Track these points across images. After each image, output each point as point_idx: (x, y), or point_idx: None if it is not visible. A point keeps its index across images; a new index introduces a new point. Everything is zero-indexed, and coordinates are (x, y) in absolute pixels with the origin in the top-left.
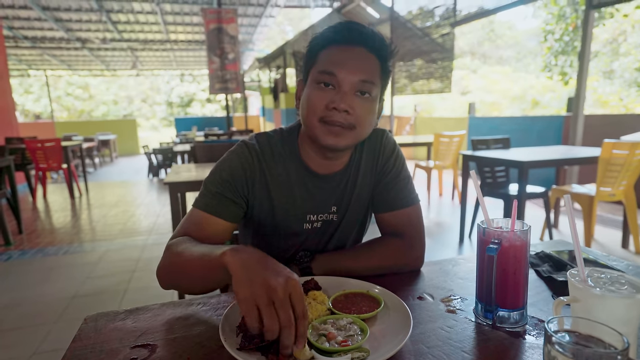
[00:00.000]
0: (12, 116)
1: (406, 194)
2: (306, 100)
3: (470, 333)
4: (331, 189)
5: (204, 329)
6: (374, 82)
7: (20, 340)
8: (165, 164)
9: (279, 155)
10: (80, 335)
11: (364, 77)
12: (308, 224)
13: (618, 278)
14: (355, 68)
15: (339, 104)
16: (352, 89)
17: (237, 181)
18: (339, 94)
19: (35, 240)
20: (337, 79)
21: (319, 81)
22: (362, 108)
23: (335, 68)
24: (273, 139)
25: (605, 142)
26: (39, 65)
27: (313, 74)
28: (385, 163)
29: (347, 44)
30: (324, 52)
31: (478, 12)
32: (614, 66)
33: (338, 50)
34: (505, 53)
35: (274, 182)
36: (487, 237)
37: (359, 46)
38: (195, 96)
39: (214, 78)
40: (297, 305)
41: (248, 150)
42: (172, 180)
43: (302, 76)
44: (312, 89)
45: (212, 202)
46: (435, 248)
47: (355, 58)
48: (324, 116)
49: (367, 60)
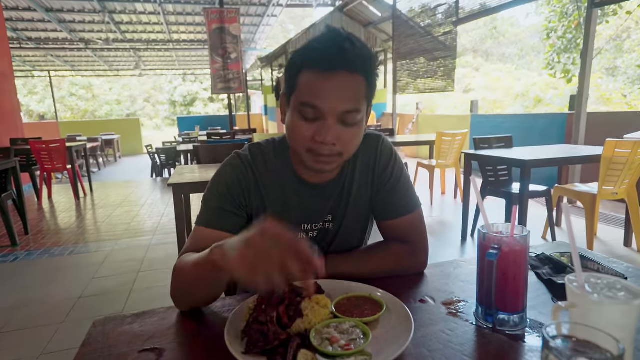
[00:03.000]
0: (17, 117)
1: (407, 200)
2: (291, 129)
3: (471, 336)
4: (325, 198)
5: (210, 332)
6: (359, 108)
7: (27, 341)
8: (168, 163)
9: (271, 165)
10: (89, 340)
11: (348, 107)
12: (303, 233)
13: (615, 284)
14: (338, 99)
15: (324, 138)
16: (336, 120)
17: (234, 193)
18: (323, 127)
19: (41, 241)
20: (320, 112)
21: (302, 113)
22: (348, 136)
23: (317, 101)
24: (265, 149)
25: (608, 141)
26: (43, 66)
27: (295, 101)
28: (383, 171)
29: (328, 70)
30: (304, 75)
31: (480, 9)
32: (618, 63)
33: (318, 77)
34: (507, 50)
35: (268, 192)
36: (487, 243)
37: (341, 70)
38: (198, 95)
39: (217, 78)
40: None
41: (241, 161)
42: (175, 181)
43: (286, 91)
44: (296, 118)
45: (214, 218)
46: (437, 247)
47: (337, 87)
48: (311, 148)
49: (351, 85)
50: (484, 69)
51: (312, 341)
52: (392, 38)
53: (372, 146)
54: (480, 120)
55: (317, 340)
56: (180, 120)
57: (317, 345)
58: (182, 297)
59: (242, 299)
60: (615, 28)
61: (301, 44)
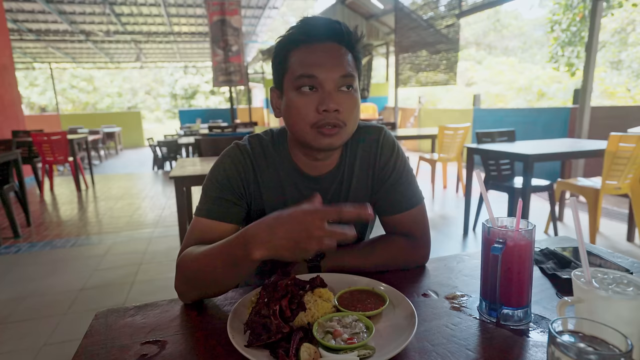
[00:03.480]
0: (18, 109)
1: (410, 195)
2: (292, 108)
3: (475, 331)
4: (323, 191)
5: (212, 325)
6: (353, 74)
7: (30, 332)
8: (170, 156)
9: (270, 157)
10: (91, 332)
11: (344, 71)
12: None
13: (621, 278)
14: (333, 65)
15: (328, 105)
16: (335, 86)
17: (233, 183)
18: (324, 95)
19: (43, 233)
20: (318, 80)
21: (300, 86)
22: (349, 103)
23: (313, 70)
24: (264, 140)
25: (612, 135)
26: (44, 58)
27: (289, 81)
28: (384, 166)
29: (316, 42)
30: (293, 55)
31: (484, 2)
32: (622, 56)
33: (309, 50)
34: (510, 43)
35: (266, 184)
36: (492, 237)
37: (328, 41)
38: (199, 88)
39: (218, 70)
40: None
41: (240, 152)
42: (177, 174)
43: (275, 85)
44: (294, 95)
45: (214, 208)
46: (439, 241)
47: (329, 55)
48: (317, 121)
49: (341, 53)
50: (486, 62)
51: (314, 334)
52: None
53: (373, 138)
54: (482, 114)
55: (319, 333)
56: (181, 113)
57: (319, 338)
58: (193, 290)
59: (244, 292)
60: (620, 21)
61: None
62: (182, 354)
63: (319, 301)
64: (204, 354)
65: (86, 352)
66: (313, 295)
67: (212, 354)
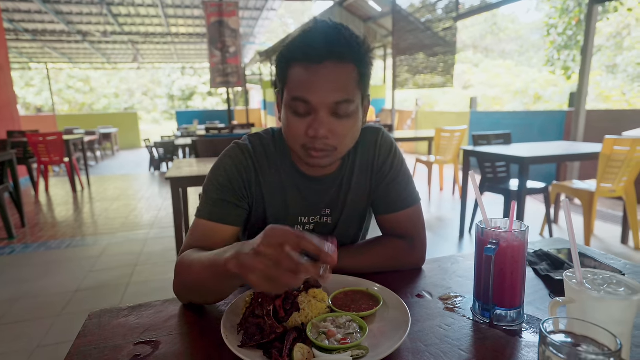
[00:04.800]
0: (13, 109)
1: (406, 195)
2: (285, 126)
3: (468, 331)
4: (323, 191)
5: (206, 326)
6: (351, 98)
7: (24, 334)
8: (166, 157)
9: (271, 156)
10: (84, 332)
11: (338, 97)
12: (300, 226)
13: (611, 279)
14: (327, 90)
15: (317, 132)
16: (329, 112)
17: (235, 184)
18: (315, 121)
19: (37, 234)
20: (312, 105)
21: (294, 108)
22: (342, 129)
23: (306, 94)
24: (265, 139)
25: (607, 138)
26: (40, 58)
27: (287, 96)
28: (382, 165)
29: (315, 62)
30: (292, 70)
31: (481, 5)
32: (618, 60)
33: (306, 70)
34: (507, 47)
35: (267, 183)
36: (485, 238)
37: (328, 60)
38: (197, 89)
39: (215, 72)
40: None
41: (241, 152)
42: (173, 175)
43: (278, 89)
44: (289, 114)
45: (215, 210)
46: (435, 243)
47: (325, 78)
48: (305, 143)
49: (340, 75)
50: (483, 65)
51: (308, 335)
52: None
53: (371, 140)
54: (479, 117)
55: (313, 334)
56: (178, 114)
57: (313, 339)
58: (190, 296)
59: (239, 293)
60: (616, 25)
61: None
62: (176, 355)
63: (313, 302)
64: (197, 354)
65: (79, 353)
66: (307, 296)
67: (206, 355)
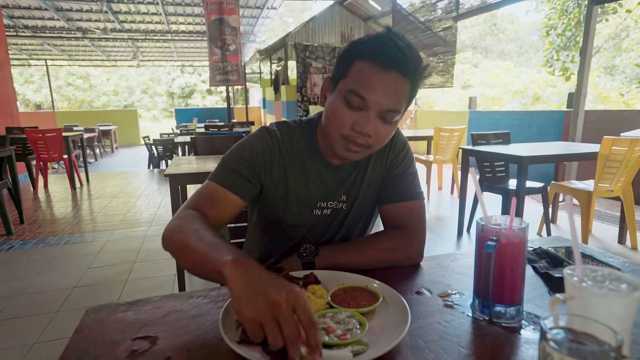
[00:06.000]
0: (13, 106)
1: (411, 188)
2: (332, 113)
3: (467, 328)
4: (343, 179)
5: (205, 321)
6: (400, 110)
7: (22, 330)
8: (165, 155)
9: (297, 144)
10: (82, 327)
11: (392, 106)
12: (318, 210)
13: (610, 275)
14: (385, 95)
15: (363, 128)
16: (377, 114)
17: (255, 162)
18: (365, 117)
19: (36, 231)
20: (366, 103)
21: (347, 100)
22: (383, 132)
23: (365, 92)
24: (292, 128)
25: (605, 138)
26: (40, 55)
27: (343, 87)
28: (395, 157)
29: (383, 66)
30: (357, 65)
31: (480, 5)
32: (616, 62)
33: (372, 71)
34: (507, 47)
35: (291, 169)
36: (486, 234)
37: (394, 70)
38: (196, 87)
39: (215, 69)
40: (302, 315)
41: (270, 136)
42: (172, 172)
43: (332, 77)
44: (339, 103)
45: (229, 177)
46: (434, 241)
47: (387, 84)
48: (348, 135)
49: (398, 86)
50: (482, 65)
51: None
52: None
53: None
54: (478, 117)
55: None
56: (178, 112)
57: None
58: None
59: None
60: (615, 26)
61: (300, 37)
62: (174, 350)
63: (312, 297)
64: (195, 350)
65: (76, 348)
66: (306, 292)
67: (204, 350)
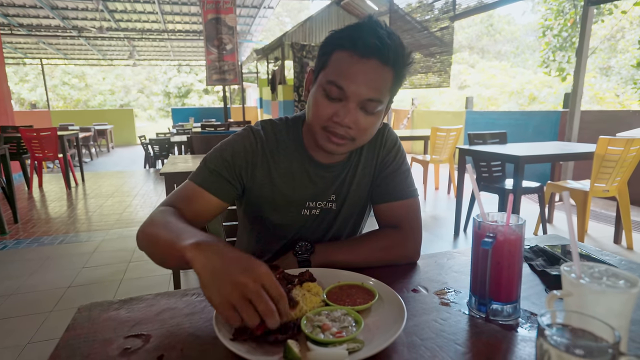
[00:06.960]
0: (7, 104)
1: (405, 186)
2: (312, 105)
3: (464, 326)
4: (332, 178)
5: (198, 319)
6: (381, 99)
7: (15, 330)
8: (162, 154)
9: (282, 143)
10: (73, 325)
11: (372, 95)
12: (306, 210)
13: (607, 272)
14: (365, 85)
15: (342, 119)
16: (358, 104)
17: (236, 163)
18: (344, 108)
19: (30, 230)
20: (344, 93)
21: (327, 91)
22: (365, 123)
23: (344, 82)
24: (278, 126)
25: (601, 138)
26: (35, 53)
27: (322, 78)
28: (385, 156)
29: (361, 55)
30: (336, 55)
31: (477, 6)
32: (611, 63)
33: (350, 60)
34: (503, 48)
35: (276, 168)
36: (482, 231)
37: (373, 58)
38: (193, 87)
39: (212, 69)
40: (271, 290)
41: (253, 136)
42: (168, 170)
43: (314, 69)
44: (319, 95)
45: (209, 179)
46: (430, 241)
47: (366, 73)
48: (327, 126)
49: (379, 75)
50: (479, 65)
51: (303, 328)
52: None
53: (378, 132)
54: (474, 117)
55: (308, 327)
56: (174, 112)
57: (308, 332)
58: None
59: None
60: (610, 27)
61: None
62: (167, 348)
63: (307, 295)
64: (188, 347)
65: (67, 346)
66: (302, 290)
67: (198, 348)
